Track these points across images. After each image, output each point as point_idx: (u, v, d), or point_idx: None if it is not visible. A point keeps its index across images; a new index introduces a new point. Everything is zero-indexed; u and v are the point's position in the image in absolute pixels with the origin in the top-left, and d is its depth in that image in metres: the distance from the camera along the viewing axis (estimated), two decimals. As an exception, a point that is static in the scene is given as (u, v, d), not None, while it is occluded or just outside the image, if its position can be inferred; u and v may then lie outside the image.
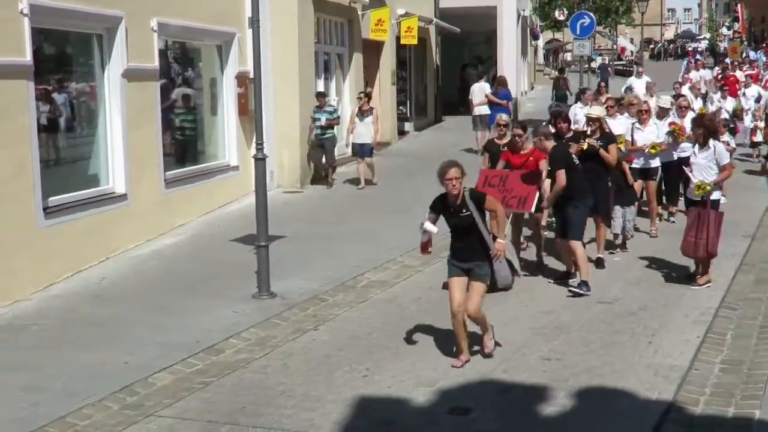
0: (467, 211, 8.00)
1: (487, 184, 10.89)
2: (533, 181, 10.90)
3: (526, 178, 10.95)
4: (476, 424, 6.99)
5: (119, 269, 11.90)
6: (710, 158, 10.65)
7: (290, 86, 17.23)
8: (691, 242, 10.56)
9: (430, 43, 28.85)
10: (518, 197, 10.81)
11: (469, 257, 8.09)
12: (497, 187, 10.82)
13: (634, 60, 57.41)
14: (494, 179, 11.04)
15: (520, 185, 10.89)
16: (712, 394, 7.45)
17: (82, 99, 12.75)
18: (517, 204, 10.81)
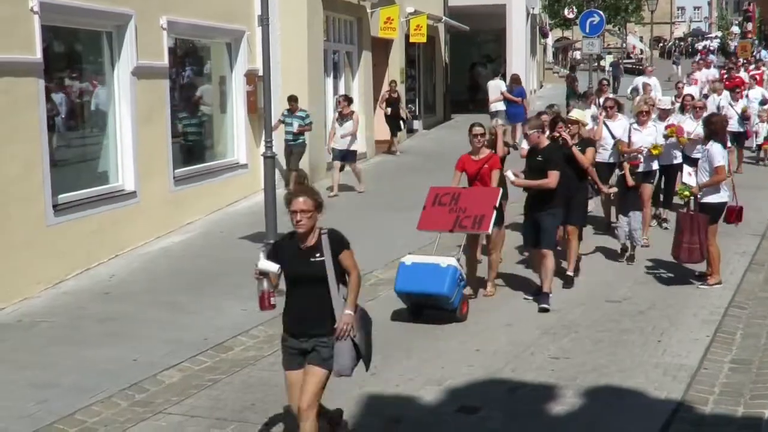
0: (320, 257, 5.86)
1: (437, 203, 9.90)
2: (490, 198, 9.85)
3: (481, 195, 9.93)
4: (484, 422, 6.99)
5: (128, 266, 11.92)
6: (705, 159, 10.51)
7: (299, 84, 17.23)
8: (686, 248, 10.42)
9: (439, 41, 28.83)
10: (473, 217, 9.69)
11: (311, 328, 5.92)
12: (448, 206, 9.81)
13: (642, 58, 57.34)
14: (445, 197, 9.91)
15: (476, 203, 9.80)
16: (721, 393, 7.43)
17: (92, 96, 12.78)
18: (472, 224, 9.68)
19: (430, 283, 9.13)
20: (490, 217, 9.62)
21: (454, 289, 9.16)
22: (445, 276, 9.11)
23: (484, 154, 10.27)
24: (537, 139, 9.88)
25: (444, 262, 9.25)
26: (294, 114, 16.32)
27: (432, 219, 9.83)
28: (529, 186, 9.88)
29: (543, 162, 9.73)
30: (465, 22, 29.37)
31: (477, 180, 10.26)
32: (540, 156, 9.78)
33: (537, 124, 10.03)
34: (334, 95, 19.90)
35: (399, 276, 9.34)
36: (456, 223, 9.67)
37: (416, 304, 9.45)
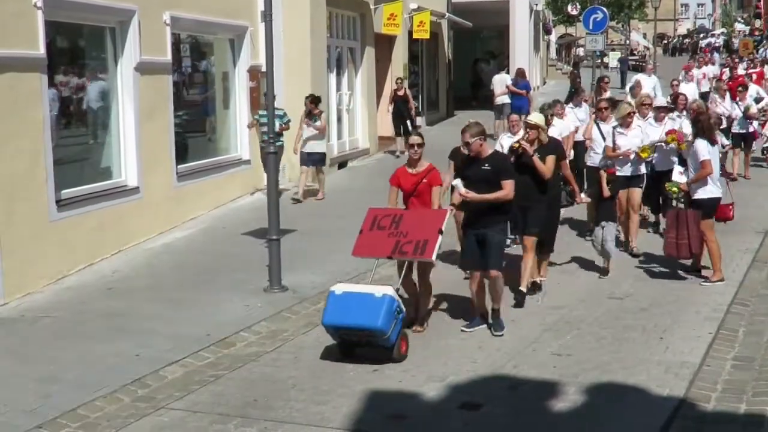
0: None
1: (375, 227, 8.78)
2: (435, 222, 8.65)
3: (426, 218, 8.75)
4: (487, 419, 6.99)
5: (131, 262, 11.93)
6: (691, 155, 10.63)
7: (302, 80, 17.24)
8: (673, 243, 10.58)
9: (442, 37, 28.83)
10: (415, 242, 8.52)
11: None
12: (388, 229, 8.68)
13: (646, 55, 57.22)
14: (385, 220, 8.79)
15: (419, 227, 8.63)
16: (723, 390, 7.43)
17: (95, 92, 12.78)
18: (414, 250, 8.53)
19: (361, 316, 7.89)
20: (434, 242, 8.48)
21: (390, 322, 7.92)
22: (380, 307, 7.89)
23: (422, 167, 9.12)
24: (479, 148, 8.71)
25: (379, 292, 8.05)
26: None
27: (369, 244, 8.73)
28: (484, 200, 8.66)
29: (492, 172, 8.66)
30: (468, 19, 29.36)
31: (414, 197, 9.11)
32: (487, 165, 8.68)
33: (478, 131, 8.74)
34: (337, 91, 19.93)
35: (327, 307, 8.11)
36: (396, 248, 8.55)
37: (347, 340, 8.19)
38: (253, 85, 16.24)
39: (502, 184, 8.61)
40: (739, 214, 14.24)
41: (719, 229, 12.90)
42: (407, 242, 8.55)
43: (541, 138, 10.12)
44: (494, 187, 8.60)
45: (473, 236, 8.81)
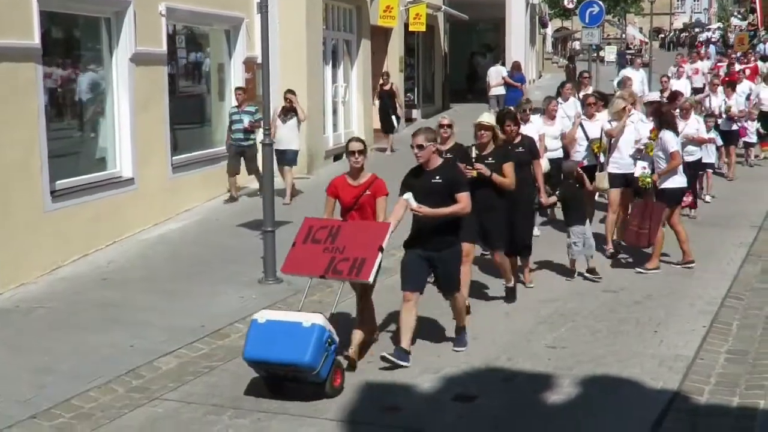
0: None
1: (310, 240, 7.74)
2: (376, 237, 7.57)
3: (366, 232, 7.71)
4: (481, 410, 7.00)
5: (126, 253, 11.92)
6: (660, 147, 10.73)
7: (298, 72, 17.19)
8: (634, 232, 10.76)
9: (438, 30, 28.79)
10: (351, 259, 7.47)
11: None
12: (323, 243, 7.65)
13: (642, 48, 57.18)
14: (321, 232, 7.75)
15: (358, 242, 7.58)
16: (717, 383, 7.45)
17: (90, 83, 12.75)
18: (349, 269, 7.46)
19: (287, 349, 6.93)
20: (373, 260, 7.45)
21: (320, 356, 6.97)
22: (308, 339, 6.94)
23: (364, 178, 8.11)
24: (430, 155, 7.76)
25: (308, 321, 7.08)
26: (242, 109, 14.67)
27: (301, 259, 7.68)
28: (440, 215, 7.68)
29: (443, 185, 7.70)
30: (464, 11, 29.33)
31: (354, 211, 8.10)
32: (438, 177, 7.72)
33: (431, 136, 7.79)
34: (332, 84, 19.89)
35: (248, 338, 7.15)
36: (330, 266, 7.50)
37: (273, 375, 7.23)
38: (249, 77, 16.21)
39: (457, 197, 7.73)
40: (733, 209, 14.33)
41: (714, 224, 12.95)
42: (343, 259, 7.49)
43: (496, 140, 9.30)
44: (446, 202, 7.70)
45: (419, 256, 7.84)
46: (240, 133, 14.61)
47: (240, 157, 14.72)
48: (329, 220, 7.99)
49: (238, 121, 14.60)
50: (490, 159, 9.21)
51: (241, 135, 14.60)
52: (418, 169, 7.88)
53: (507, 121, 9.95)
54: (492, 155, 9.25)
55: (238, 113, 14.63)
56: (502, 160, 9.25)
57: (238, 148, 14.66)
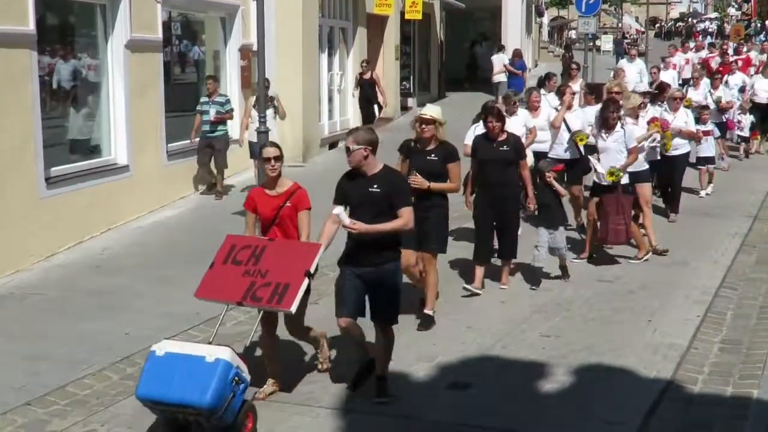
0: None
1: (230, 260, 6.77)
2: (304, 260, 6.60)
3: (293, 254, 6.72)
4: (475, 399, 7.01)
5: (121, 240, 11.91)
6: (621, 141, 10.47)
7: (293, 60, 17.17)
8: (613, 229, 10.50)
9: (434, 18, 28.72)
10: (274, 285, 6.50)
11: None
12: (245, 264, 6.70)
13: (637, 38, 57.13)
14: (243, 252, 6.78)
15: (283, 265, 6.61)
16: (710, 373, 7.48)
17: (85, 69, 12.72)
18: (270, 296, 6.48)
19: (185, 389, 5.92)
20: (297, 287, 6.49)
21: (225, 396, 6.01)
22: (210, 377, 5.96)
23: (284, 187, 7.07)
24: (362, 160, 6.65)
25: (212, 355, 6.08)
26: (211, 99, 14.20)
27: (218, 283, 6.75)
28: (377, 232, 6.59)
29: (382, 195, 6.63)
30: (461, 0, 29.26)
31: (275, 226, 7.06)
32: (376, 186, 6.64)
33: (367, 138, 6.67)
34: (328, 71, 19.85)
35: (144, 374, 6.13)
36: (249, 292, 6.55)
37: (171, 417, 6.14)
38: (244, 64, 16.18)
39: (398, 212, 6.63)
40: (729, 199, 14.35)
41: (709, 214, 12.97)
42: (264, 285, 6.55)
43: (439, 135, 8.42)
44: (385, 214, 6.63)
45: (354, 276, 6.77)
46: (207, 125, 14.18)
47: (209, 150, 14.24)
48: (254, 239, 7.00)
49: (206, 111, 14.17)
50: (433, 156, 8.36)
51: (208, 127, 14.16)
52: (354, 173, 6.79)
53: (489, 117, 9.33)
54: (435, 153, 8.37)
55: (208, 103, 14.18)
56: (446, 159, 8.37)
57: (206, 140, 14.19)
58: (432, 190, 8.32)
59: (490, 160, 9.36)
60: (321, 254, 6.71)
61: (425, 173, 8.28)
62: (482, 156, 9.44)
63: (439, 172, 8.36)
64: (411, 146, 8.61)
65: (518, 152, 9.51)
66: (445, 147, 8.46)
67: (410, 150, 8.60)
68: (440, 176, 8.35)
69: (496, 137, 9.36)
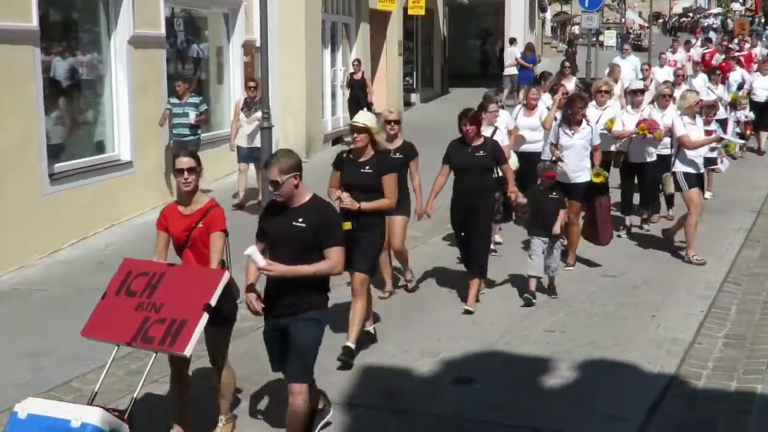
0: None
1: (124, 291, 5.84)
2: (205, 290, 5.68)
3: (194, 284, 5.77)
4: (479, 394, 7.02)
5: (124, 236, 11.91)
6: (588, 139, 10.18)
7: (296, 55, 17.16)
8: (608, 231, 10.40)
9: (437, 14, 28.70)
10: (169, 321, 5.57)
11: None
12: (139, 296, 5.76)
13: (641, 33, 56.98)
14: (139, 281, 5.84)
15: (179, 296, 5.67)
16: (714, 368, 7.47)
17: (89, 66, 12.71)
18: (163, 336, 5.53)
19: None
20: (194, 325, 5.53)
21: None
22: None
23: (198, 205, 6.12)
24: (290, 191, 5.66)
25: (78, 418, 5.19)
26: (184, 101, 13.28)
27: (107, 319, 5.85)
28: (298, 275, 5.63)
29: (309, 230, 5.64)
30: (464, -5, 29.29)
31: (188, 249, 6.13)
32: (301, 220, 5.67)
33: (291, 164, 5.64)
34: (331, 67, 19.84)
35: None
36: (141, 330, 5.60)
37: None
38: (248, 60, 16.17)
39: (326, 252, 5.67)
40: (732, 194, 14.33)
41: (713, 209, 12.95)
42: (158, 321, 5.59)
43: (375, 145, 7.61)
44: (311, 252, 5.65)
45: (272, 329, 5.91)
46: (184, 128, 13.24)
47: None
48: (153, 264, 6.00)
49: (181, 114, 13.24)
50: (368, 168, 7.53)
51: (186, 130, 13.23)
52: (277, 204, 5.80)
53: (463, 120, 8.75)
54: (370, 164, 7.55)
55: (181, 105, 13.26)
56: (382, 170, 7.57)
57: (181, 144, 12.95)
58: (364, 211, 7.46)
59: (465, 166, 8.80)
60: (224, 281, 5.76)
61: (359, 187, 7.46)
62: (456, 162, 8.86)
63: (375, 186, 7.49)
64: (343, 157, 7.75)
65: (496, 157, 8.87)
66: (381, 157, 7.69)
67: (342, 162, 7.74)
68: (376, 191, 7.50)
69: (471, 141, 8.79)
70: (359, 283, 7.58)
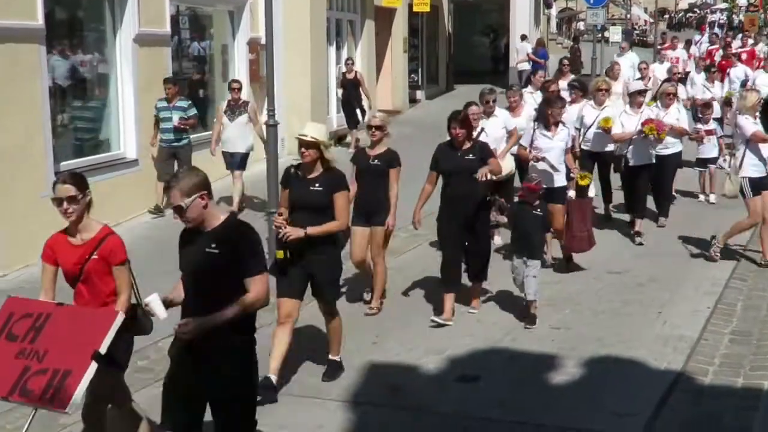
0: None
1: (5, 335, 5.05)
2: (96, 334, 4.94)
3: (84, 325, 5.06)
4: (484, 391, 7.02)
5: (129, 235, 11.90)
6: (566, 141, 9.81)
7: (302, 53, 17.16)
8: (578, 237, 9.88)
9: (442, 10, 28.69)
10: (51, 372, 4.81)
11: None
12: (21, 341, 4.99)
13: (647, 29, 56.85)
14: (22, 323, 5.08)
15: (66, 341, 4.93)
16: (721, 364, 7.46)
17: (94, 64, 12.74)
18: (44, 389, 4.75)
19: None
20: (79, 376, 4.76)
21: None
22: None
23: (90, 233, 5.55)
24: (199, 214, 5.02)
25: None
26: (172, 104, 12.57)
27: None
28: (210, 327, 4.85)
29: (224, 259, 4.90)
30: (469, -8, 29.27)
31: (81, 284, 5.56)
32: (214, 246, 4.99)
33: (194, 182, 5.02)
34: (336, 64, 19.83)
35: None
36: (19, 382, 4.82)
37: None
38: (253, 58, 16.18)
39: (247, 282, 4.84)
40: (738, 190, 14.22)
41: (718, 205, 12.89)
42: (39, 372, 4.83)
43: (324, 162, 6.94)
44: (228, 287, 4.86)
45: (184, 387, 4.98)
46: (170, 133, 12.51)
47: (173, 160, 12.54)
48: (38, 304, 5.30)
49: (167, 118, 12.53)
50: (317, 186, 6.89)
51: (172, 135, 12.53)
52: (187, 232, 5.16)
53: (453, 123, 8.28)
54: (320, 181, 6.92)
55: (168, 109, 12.54)
56: (333, 188, 6.92)
57: (170, 149, 12.50)
58: (311, 236, 6.77)
59: (455, 171, 8.32)
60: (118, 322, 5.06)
61: (308, 207, 6.88)
62: (445, 167, 8.40)
63: (325, 205, 6.87)
64: (291, 173, 7.10)
65: (484, 158, 8.30)
66: (332, 174, 6.97)
67: (290, 179, 7.11)
68: (326, 210, 6.88)
69: (460, 145, 8.31)
70: (326, 312, 7.23)
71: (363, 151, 8.89)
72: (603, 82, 12.13)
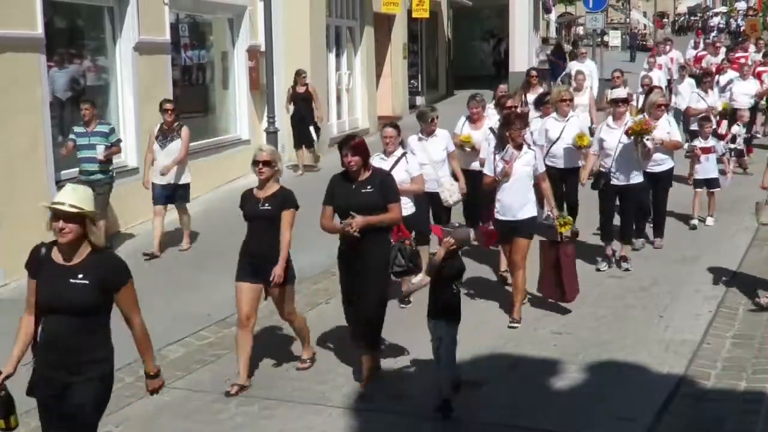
0: None
1: None
2: None
3: None
4: (487, 397, 7.01)
5: (132, 242, 11.93)
6: (532, 165, 8.52)
7: (301, 60, 17.15)
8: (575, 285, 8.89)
9: (441, 16, 28.73)
10: None
11: None
12: None
13: (646, 33, 56.89)
14: None
15: None
16: (723, 368, 7.47)
17: (94, 72, 12.76)
18: None
19: None
20: None
21: None
22: None
23: None
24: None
25: None
26: (90, 129, 10.82)
27: None
28: None
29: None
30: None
31: None
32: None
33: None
34: (336, 71, 19.85)
35: None
36: None
37: None
38: (252, 65, 16.19)
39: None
40: (739, 194, 14.24)
41: (719, 209, 12.89)
42: None
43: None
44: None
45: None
46: (92, 163, 10.83)
47: None
48: None
49: (87, 146, 10.80)
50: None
51: (95, 166, 10.84)
52: None
53: (344, 150, 6.98)
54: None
55: (86, 135, 10.81)
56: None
57: (87, 181, 10.18)
58: None
59: (348, 207, 6.95)
60: None
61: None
62: (338, 203, 7.10)
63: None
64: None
65: (385, 194, 7.03)
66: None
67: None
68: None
69: (356, 177, 7.01)
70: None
71: (251, 192, 7.31)
72: (566, 92, 11.16)
